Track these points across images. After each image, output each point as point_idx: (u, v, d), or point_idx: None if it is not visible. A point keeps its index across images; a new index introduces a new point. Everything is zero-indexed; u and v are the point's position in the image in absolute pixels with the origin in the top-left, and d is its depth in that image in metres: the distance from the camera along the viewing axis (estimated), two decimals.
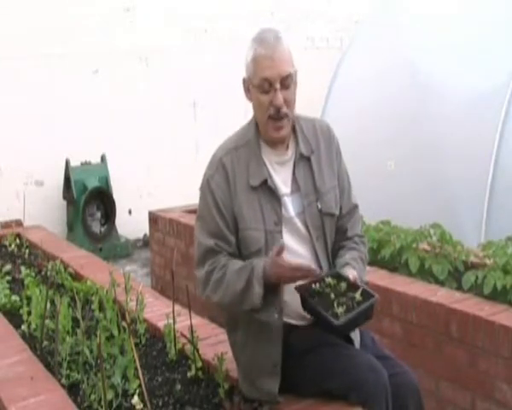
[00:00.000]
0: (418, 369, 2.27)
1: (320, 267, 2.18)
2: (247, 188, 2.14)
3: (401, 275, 3.39)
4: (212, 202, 2.15)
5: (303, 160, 2.21)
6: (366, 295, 2.04)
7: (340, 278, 2.10)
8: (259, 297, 2.03)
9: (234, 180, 2.15)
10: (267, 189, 2.15)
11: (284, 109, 2.09)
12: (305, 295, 2.06)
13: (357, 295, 2.03)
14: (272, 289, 2.07)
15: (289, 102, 2.11)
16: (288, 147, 2.21)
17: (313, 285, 2.08)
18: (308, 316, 2.18)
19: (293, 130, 2.22)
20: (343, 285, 2.07)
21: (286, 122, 2.13)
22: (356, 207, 2.35)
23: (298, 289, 2.09)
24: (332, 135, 2.30)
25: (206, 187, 2.18)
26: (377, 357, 2.15)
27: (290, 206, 2.18)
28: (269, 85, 2.08)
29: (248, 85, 2.16)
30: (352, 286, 2.06)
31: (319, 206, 2.19)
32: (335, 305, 2.00)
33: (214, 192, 2.15)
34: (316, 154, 2.23)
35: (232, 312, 2.23)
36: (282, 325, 2.13)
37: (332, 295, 2.04)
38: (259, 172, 2.15)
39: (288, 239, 2.15)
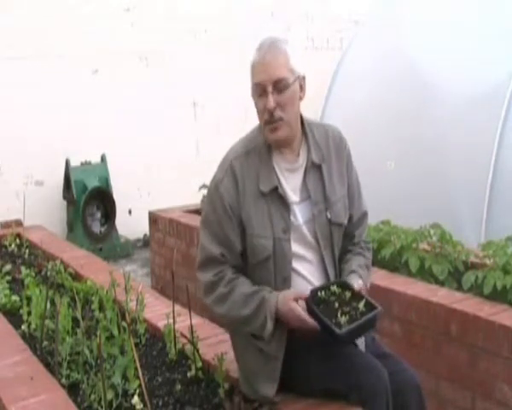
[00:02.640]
0: (418, 369, 2.26)
1: (327, 275, 2.19)
2: (256, 194, 2.13)
3: (401, 275, 3.39)
4: (221, 207, 2.13)
5: (314, 168, 2.18)
6: (369, 306, 2.04)
7: (345, 286, 2.11)
8: (270, 332, 2.05)
9: (243, 185, 2.13)
10: (277, 196, 2.13)
11: (278, 113, 2.07)
12: (310, 302, 2.06)
13: (361, 306, 2.03)
14: (279, 325, 2.07)
15: (284, 106, 2.07)
16: (298, 154, 2.19)
17: (319, 293, 2.08)
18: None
19: (305, 136, 2.20)
20: (347, 294, 2.08)
21: (282, 124, 2.10)
22: (365, 214, 2.35)
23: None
24: (343, 143, 2.27)
25: (215, 191, 2.16)
26: (378, 356, 2.16)
27: (299, 214, 2.16)
28: (262, 90, 2.07)
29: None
30: (357, 296, 2.07)
31: (328, 215, 2.18)
32: (339, 314, 2.00)
33: (223, 197, 2.13)
34: (327, 162, 2.20)
35: None
36: (286, 332, 2.13)
37: (336, 304, 2.05)
38: (269, 178, 2.13)
39: (296, 247, 2.15)
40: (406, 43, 5.50)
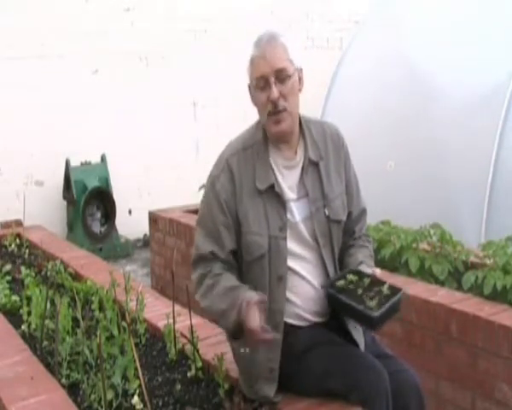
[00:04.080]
0: (418, 369, 2.26)
1: (326, 274, 2.18)
2: (252, 191, 2.12)
3: (401, 275, 3.39)
4: (216, 204, 2.13)
5: (311, 165, 2.18)
6: (392, 289, 2.04)
7: (360, 274, 2.10)
8: (233, 322, 2.01)
9: (240, 182, 2.13)
10: (273, 193, 2.12)
11: (282, 103, 2.07)
12: (333, 292, 2.05)
13: (385, 289, 2.03)
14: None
15: (286, 96, 2.07)
16: (296, 151, 2.18)
17: (337, 282, 2.08)
18: (310, 318, 2.19)
19: (302, 134, 2.20)
20: (366, 281, 2.07)
21: (286, 115, 2.09)
22: (364, 210, 2.36)
23: (323, 286, 2.10)
24: (341, 140, 2.27)
25: (211, 188, 2.16)
26: (378, 356, 2.15)
27: (296, 211, 2.15)
28: (264, 82, 2.07)
29: (250, 89, 2.15)
30: (377, 281, 2.06)
31: (327, 212, 2.17)
32: (366, 299, 2.00)
33: (219, 193, 2.13)
34: (324, 159, 2.20)
35: None
36: (282, 332, 2.13)
37: (359, 291, 2.04)
38: (266, 175, 2.13)
39: (293, 245, 2.14)
40: (406, 44, 5.50)
